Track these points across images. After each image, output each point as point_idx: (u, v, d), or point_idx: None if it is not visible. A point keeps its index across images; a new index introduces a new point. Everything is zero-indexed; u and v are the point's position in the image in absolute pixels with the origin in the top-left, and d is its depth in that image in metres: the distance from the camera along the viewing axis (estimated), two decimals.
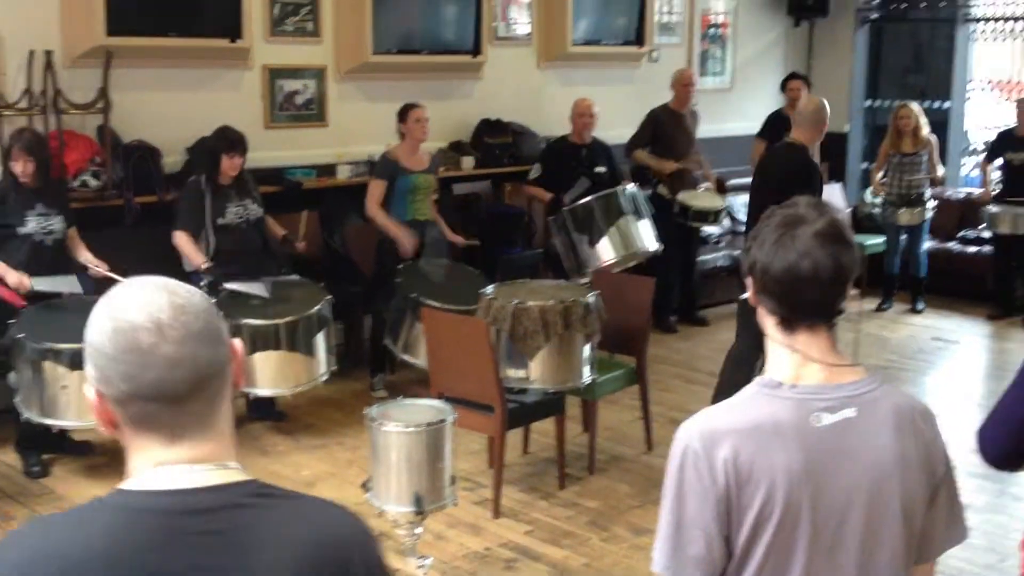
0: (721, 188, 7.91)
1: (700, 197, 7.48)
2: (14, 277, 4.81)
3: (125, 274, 4.91)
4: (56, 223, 5.05)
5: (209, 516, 1.22)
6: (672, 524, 1.74)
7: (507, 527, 4.53)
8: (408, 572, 3.72)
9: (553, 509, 4.72)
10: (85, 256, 5.14)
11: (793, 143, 5.45)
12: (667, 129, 7.52)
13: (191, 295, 1.28)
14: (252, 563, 1.21)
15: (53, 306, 4.88)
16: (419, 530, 3.67)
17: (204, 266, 5.27)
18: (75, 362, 4.44)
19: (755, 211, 5.32)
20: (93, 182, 5.80)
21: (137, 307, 1.24)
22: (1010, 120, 8.11)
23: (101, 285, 4.70)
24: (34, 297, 4.88)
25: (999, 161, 8.01)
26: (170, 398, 1.23)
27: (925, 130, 8.01)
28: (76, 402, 4.57)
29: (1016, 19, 9.12)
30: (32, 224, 4.97)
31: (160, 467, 1.25)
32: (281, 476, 4.97)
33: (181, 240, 5.38)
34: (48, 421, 4.72)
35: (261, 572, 1.22)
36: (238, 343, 1.33)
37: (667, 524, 1.75)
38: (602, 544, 4.39)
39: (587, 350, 4.82)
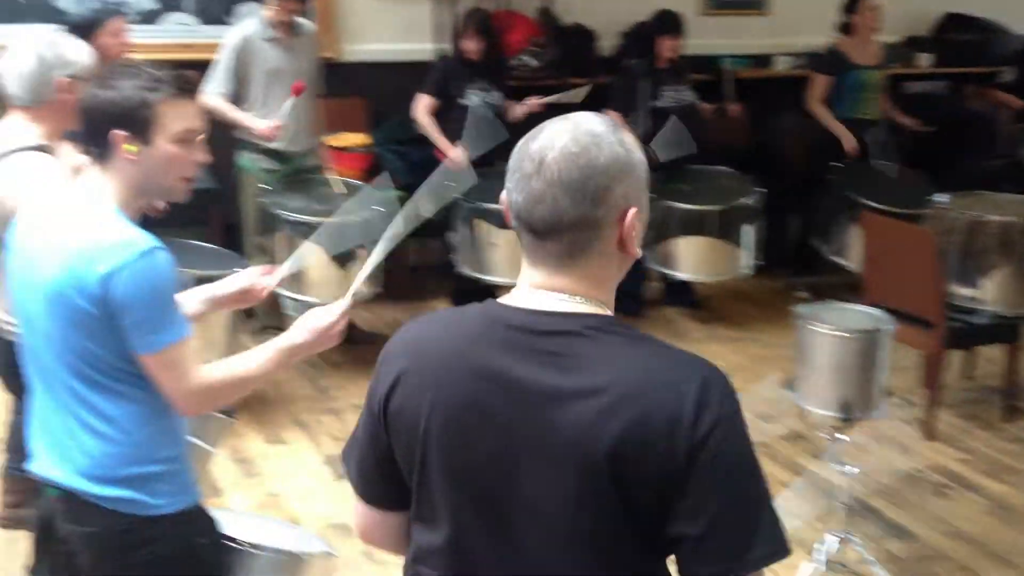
0: None
1: None
2: (455, 152, 4.92)
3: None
4: (496, 99, 5.15)
5: (545, 337, 1.31)
6: None
7: (939, 451, 4.16)
8: (824, 476, 3.53)
9: (995, 441, 4.25)
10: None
11: None
12: None
13: (601, 148, 1.30)
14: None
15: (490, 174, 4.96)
16: (843, 437, 3.38)
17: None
18: (502, 222, 4.50)
19: None
20: (532, 63, 5.89)
21: (545, 136, 1.32)
22: None
23: None
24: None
25: None
26: (529, 228, 1.32)
27: None
28: (503, 260, 4.80)
29: None
30: (474, 98, 5.10)
31: (526, 286, 1.36)
32: None
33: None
34: (480, 276, 4.97)
35: None
36: (631, 214, 1.32)
37: None
38: None
39: None
